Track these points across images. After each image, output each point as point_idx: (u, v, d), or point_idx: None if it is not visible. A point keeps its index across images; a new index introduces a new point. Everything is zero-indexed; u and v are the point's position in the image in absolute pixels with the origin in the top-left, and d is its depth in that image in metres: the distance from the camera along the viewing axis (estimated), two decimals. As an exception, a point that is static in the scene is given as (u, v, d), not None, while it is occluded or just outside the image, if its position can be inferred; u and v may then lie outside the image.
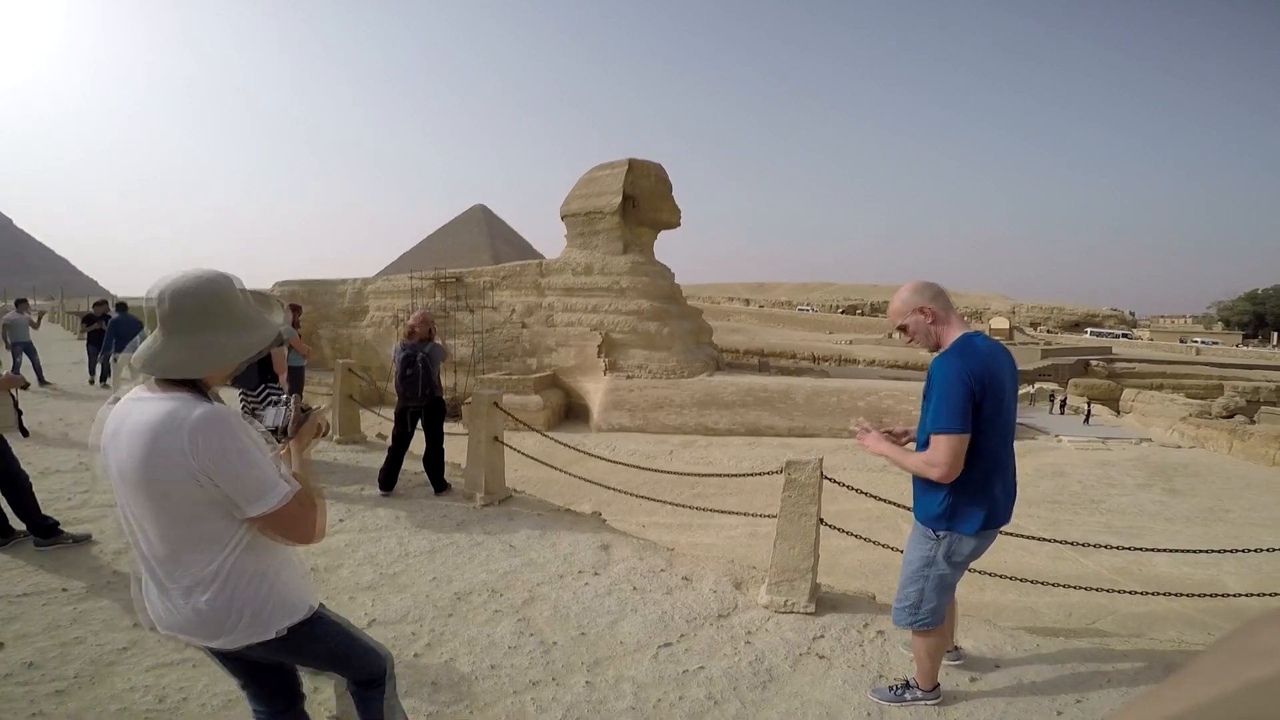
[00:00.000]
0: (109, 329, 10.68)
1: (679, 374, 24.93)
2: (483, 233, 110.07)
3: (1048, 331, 72.08)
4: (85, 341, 12.09)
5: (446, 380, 29.81)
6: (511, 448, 5.43)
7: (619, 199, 27.15)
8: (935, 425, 2.27)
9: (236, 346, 1.54)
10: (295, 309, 7.13)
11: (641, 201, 27.79)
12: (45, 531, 4.14)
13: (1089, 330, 73.47)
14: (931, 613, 2.51)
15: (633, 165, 27.77)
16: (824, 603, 3.55)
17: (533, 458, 6.09)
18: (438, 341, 5.48)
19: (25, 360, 10.75)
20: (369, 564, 3.95)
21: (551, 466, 5.85)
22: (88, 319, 11.97)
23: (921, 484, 2.43)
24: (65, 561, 3.91)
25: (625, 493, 5.78)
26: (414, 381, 5.23)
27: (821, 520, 3.47)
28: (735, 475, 4.62)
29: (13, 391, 4.70)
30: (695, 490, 10.74)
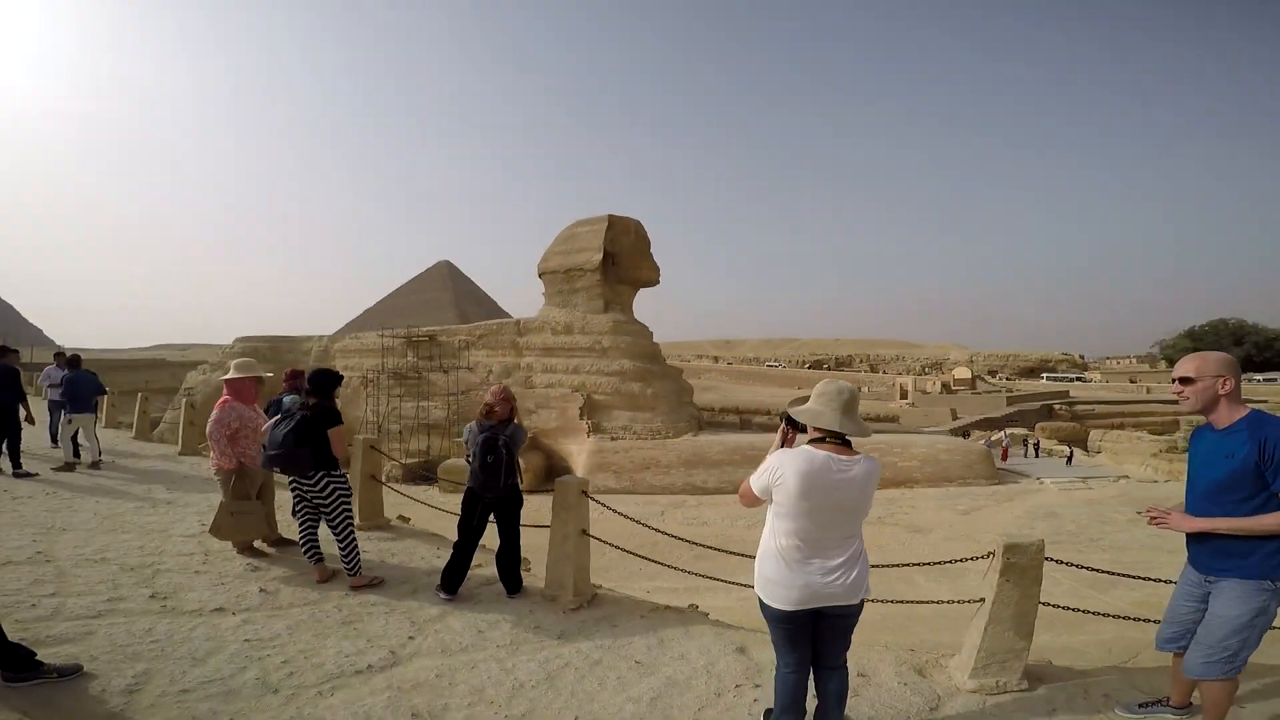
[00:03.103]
0: (65, 388, 9.28)
1: (664, 434, 24.39)
2: (448, 289, 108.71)
3: (1006, 379, 74.43)
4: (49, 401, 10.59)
5: (419, 443, 28.37)
6: (598, 539, 4.84)
7: (599, 256, 26.87)
8: None
9: (863, 425, 2.63)
10: (298, 375, 5.99)
11: (621, 259, 27.62)
12: (18, 664, 3.04)
13: (1045, 375, 76.12)
14: (1245, 660, 2.69)
15: (612, 221, 27.55)
16: (1030, 677, 3.34)
17: (608, 542, 5.46)
18: (518, 422, 4.77)
19: None
20: (480, 701, 3.20)
21: (613, 544, 5.27)
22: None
23: (1252, 539, 2.60)
24: (57, 707, 2.90)
25: (630, 553, 5.49)
26: (495, 470, 4.40)
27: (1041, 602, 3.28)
28: (946, 563, 4.27)
29: None
30: (694, 553, 10.01)
